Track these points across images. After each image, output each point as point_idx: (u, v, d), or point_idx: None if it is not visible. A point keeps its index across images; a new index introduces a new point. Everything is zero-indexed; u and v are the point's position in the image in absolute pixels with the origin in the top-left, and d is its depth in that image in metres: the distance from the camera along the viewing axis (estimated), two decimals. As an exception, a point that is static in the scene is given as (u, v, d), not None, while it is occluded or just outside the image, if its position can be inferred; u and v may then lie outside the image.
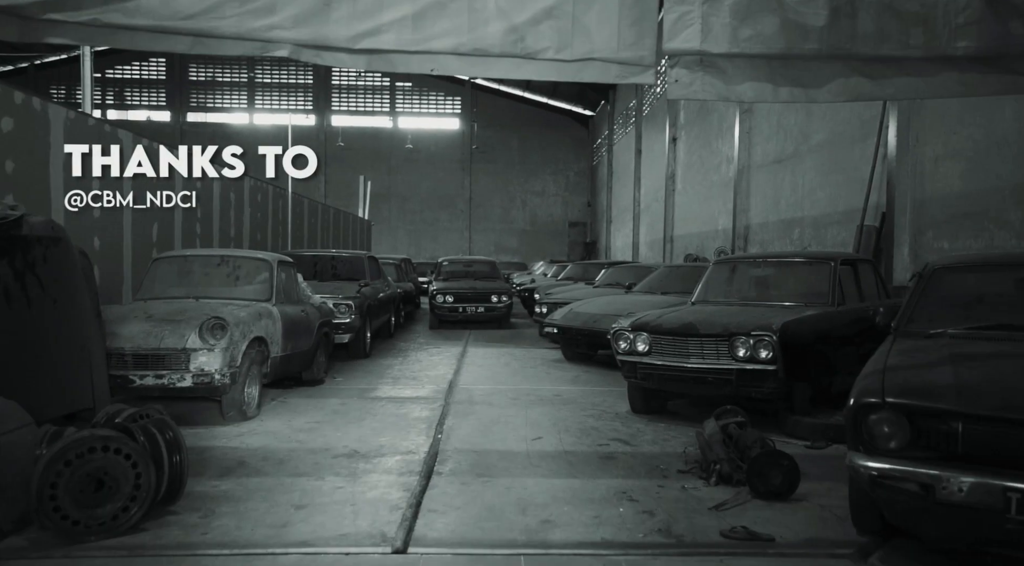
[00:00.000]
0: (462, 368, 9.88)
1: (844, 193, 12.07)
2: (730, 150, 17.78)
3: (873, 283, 7.56)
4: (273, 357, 7.01)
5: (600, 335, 9.60)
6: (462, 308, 14.86)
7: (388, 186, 41.93)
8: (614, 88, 35.09)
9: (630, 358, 6.63)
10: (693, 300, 7.59)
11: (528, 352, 11.60)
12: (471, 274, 16.60)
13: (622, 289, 12.56)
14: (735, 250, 17.00)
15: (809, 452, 5.63)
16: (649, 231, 27.46)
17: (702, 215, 20.27)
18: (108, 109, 41.59)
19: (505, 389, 8.25)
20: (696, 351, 6.20)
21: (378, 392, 8.00)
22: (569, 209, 43.37)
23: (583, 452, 5.58)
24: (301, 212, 15.47)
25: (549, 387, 8.43)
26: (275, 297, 7.32)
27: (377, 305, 11.79)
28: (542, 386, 8.50)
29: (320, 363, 8.73)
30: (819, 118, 13.04)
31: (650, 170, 27.42)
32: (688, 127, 21.95)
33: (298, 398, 7.49)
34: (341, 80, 42.47)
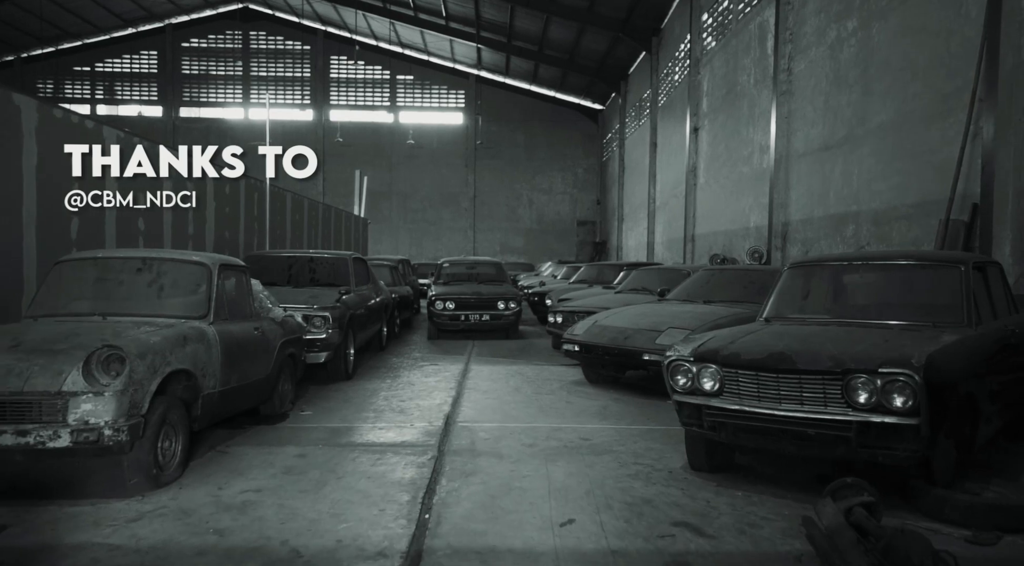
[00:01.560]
0: (463, 394, 8.07)
1: (915, 182, 10.20)
2: (764, 138, 15.91)
3: (1003, 294, 5.72)
4: (207, 394, 5.20)
5: (633, 355, 7.80)
6: (464, 316, 13.04)
7: (389, 184, 40.17)
8: (626, 79, 33.26)
9: (692, 400, 4.79)
10: (765, 315, 5.75)
11: (541, 370, 9.78)
12: (475, 277, 14.78)
13: (650, 295, 10.75)
14: (772, 250, 15.14)
15: (975, 552, 3.79)
16: (667, 230, 25.58)
17: (729, 211, 18.40)
18: (97, 104, 39.94)
19: (517, 428, 6.43)
20: (792, 393, 4.37)
21: (352, 435, 6.18)
22: (578, 207, 41.50)
23: (638, 551, 3.75)
24: (283, 208, 13.67)
25: (573, 425, 6.60)
26: (214, 312, 5.52)
27: (363, 315, 9.98)
28: (564, 423, 6.67)
29: (284, 392, 6.93)
30: (880, 96, 11.17)
31: (667, 164, 25.55)
32: (712, 115, 20.07)
33: (244, 447, 5.67)
34: (340, 73, 40.70)
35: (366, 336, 10.40)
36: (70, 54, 38.89)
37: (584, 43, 30.59)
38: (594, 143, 41.11)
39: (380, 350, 11.65)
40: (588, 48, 31.45)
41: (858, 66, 11.93)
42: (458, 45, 36.70)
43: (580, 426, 6.55)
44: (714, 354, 4.74)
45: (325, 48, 40.12)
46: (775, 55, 15.15)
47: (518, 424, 6.62)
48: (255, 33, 40.13)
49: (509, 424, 6.63)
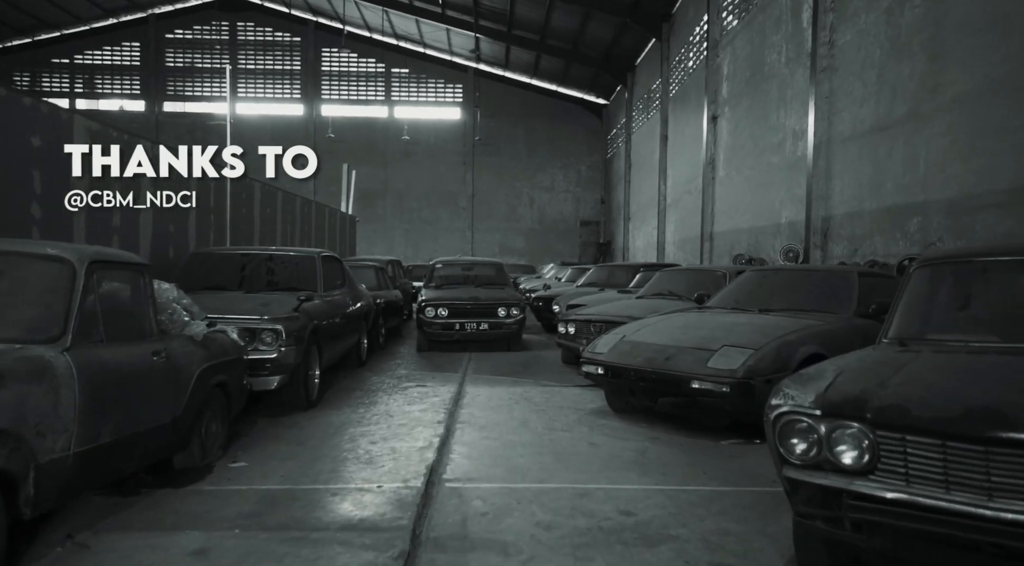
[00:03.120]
0: (454, 431, 6.21)
1: (1008, 163, 8.37)
2: (799, 122, 14.07)
3: None
4: (52, 460, 3.35)
5: (678, 382, 5.96)
6: (459, 325, 11.18)
7: (383, 181, 38.32)
8: (632, 71, 31.45)
9: (820, 479, 2.93)
10: (894, 335, 3.88)
11: (552, 395, 7.92)
12: (472, 280, 12.93)
13: (679, 301, 8.92)
14: (810, 249, 13.29)
15: None
16: (679, 228, 23.74)
17: (755, 206, 16.55)
18: (77, 98, 38.06)
19: (528, 492, 4.56)
20: (1016, 480, 2.52)
21: (291, 506, 4.30)
22: (581, 206, 39.64)
23: None
24: (249, 200, 11.81)
25: (605, 485, 4.73)
26: (74, 334, 3.66)
27: (335, 326, 8.13)
28: (592, 480, 4.81)
29: (210, 436, 5.11)
30: (957, 63, 9.34)
31: (680, 158, 23.71)
32: (734, 101, 18.23)
33: (118, 534, 3.78)
34: (332, 66, 38.85)
35: (339, 351, 8.55)
36: (48, 45, 37.04)
37: (589, 31, 28.76)
38: (598, 139, 39.27)
39: (359, 366, 9.81)
40: (593, 37, 29.63)
41: (925, 30, 10.09)
42: (456, 35, 34.87)
43: (615, 487, 4.68)
44: (859, 405, 2.88)
45: (316, 39, 38.26)
46: (813, 27, 13.32)
47: (529, 484, 4.75)
48: (242, 24, 38.26)
49: (516, 483, 4.77)
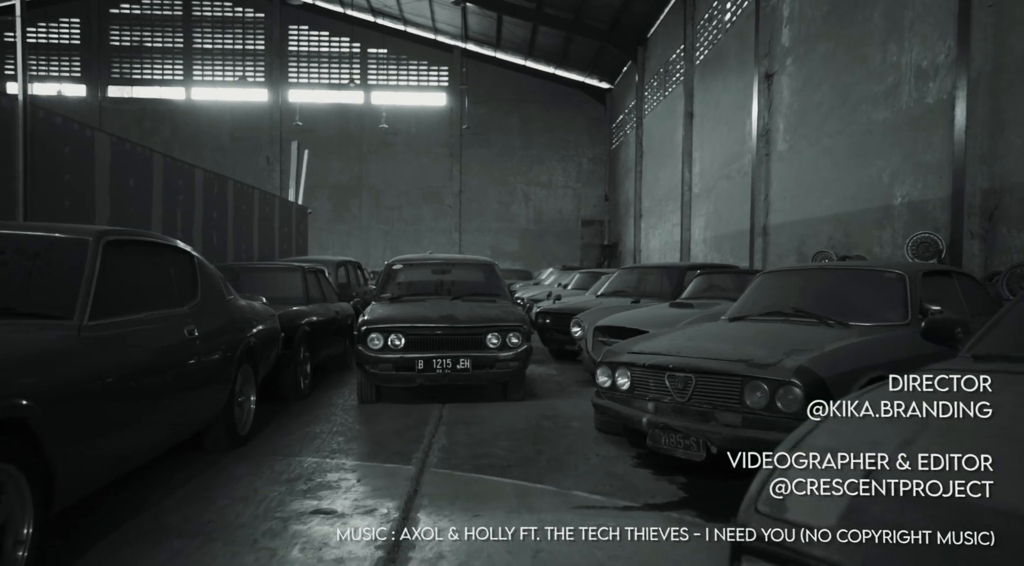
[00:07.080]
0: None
1: None
2: (932, 51, 9.66)
3: None
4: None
5: None
6: (423, 363, 6.69)
7: (359, 176, 33.88)
8: (644, 44, 27.09)
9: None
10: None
11: (615, 544, 3.41)
12: (448, 288, 8.42)
13: (820, 326, 4.50)
14: (963, 239, 8.84)
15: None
16: (713, 223, 19.29)
17: (843, 185, 12.12)
18: (7, 81, 33.36)
19: None
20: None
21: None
22: (582, 204, 35.22)
23: None
24: (128, 169, 7.28)
25: None
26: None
27: (128, 390, 3.60)
28: None
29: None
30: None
31: (713, 136, 19.30)
32: (803, 47, 13.80)
33: None
34: (300, 46, 34.35)
35: (148, 440, 4.03)
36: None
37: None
38: (601, 129, 34.87)
39: (239, 444, 5.32)
40: (598, 3, 25.28)
41: None
42: (440, 8, 30.46)
43: None
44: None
45: (283, 16, 33.75)
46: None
47: None
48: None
49: None
